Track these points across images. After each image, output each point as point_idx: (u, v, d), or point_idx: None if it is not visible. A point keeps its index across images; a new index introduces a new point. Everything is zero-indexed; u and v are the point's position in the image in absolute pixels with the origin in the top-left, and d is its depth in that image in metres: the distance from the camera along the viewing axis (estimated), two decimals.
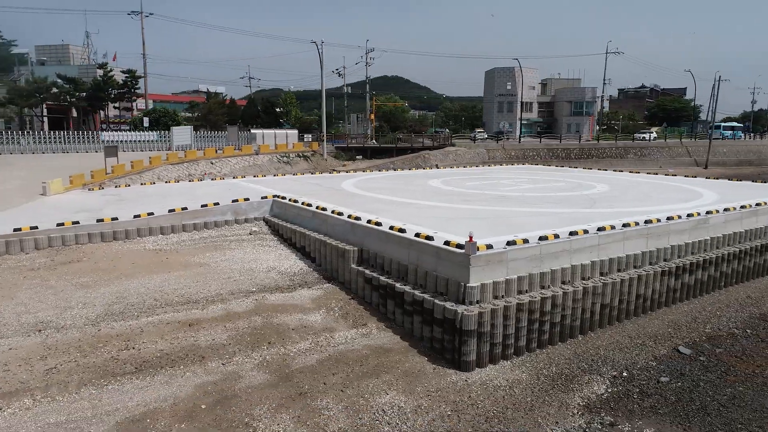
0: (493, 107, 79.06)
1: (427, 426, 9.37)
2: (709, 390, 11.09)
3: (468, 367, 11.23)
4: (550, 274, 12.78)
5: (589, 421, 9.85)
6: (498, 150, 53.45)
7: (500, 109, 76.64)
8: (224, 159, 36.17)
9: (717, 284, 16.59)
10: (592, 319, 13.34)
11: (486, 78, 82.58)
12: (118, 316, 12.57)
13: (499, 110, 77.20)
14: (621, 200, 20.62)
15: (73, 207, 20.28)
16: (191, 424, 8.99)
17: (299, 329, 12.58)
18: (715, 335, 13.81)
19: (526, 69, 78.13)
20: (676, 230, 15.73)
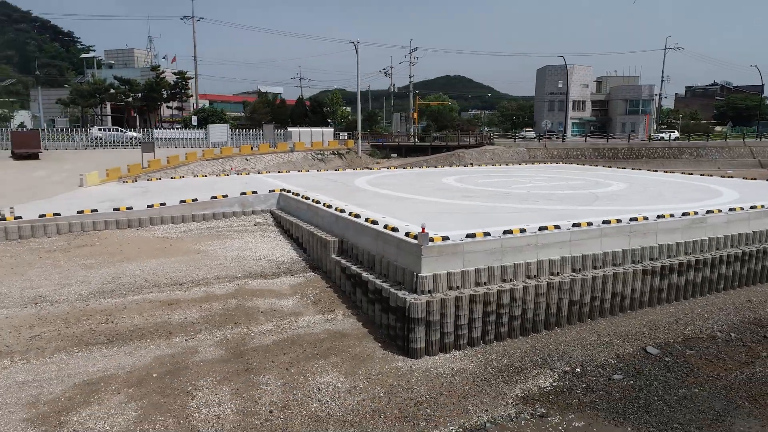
0: (544, 106, 77.25)
1: (355, 405, 9.83)
2: (661, 390, 10.87)
3: (416, 354, 11.55)
4: (513, 268, 12.84)
5: (520, 412, 9.97)
6: (539, 149, 52.40)
7: (551, 107, 74.77)
8: (259, 156, 37.74)
9: (714, 286, 15.92)
10: (559, 315, 13.27)
11: (537, 76, 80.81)
12: (108, 293, 13.79)
13: (549, 109, 75.33)
14: (627, 199, 20.07)
15: (101, 197, 22.07)
16: (138, 389, 9.89)
17: (268, 312, 13.33)
18: (694, 337, 13.36)
19: (580, 66, 75.81)
20: (665, 229, 15.26)
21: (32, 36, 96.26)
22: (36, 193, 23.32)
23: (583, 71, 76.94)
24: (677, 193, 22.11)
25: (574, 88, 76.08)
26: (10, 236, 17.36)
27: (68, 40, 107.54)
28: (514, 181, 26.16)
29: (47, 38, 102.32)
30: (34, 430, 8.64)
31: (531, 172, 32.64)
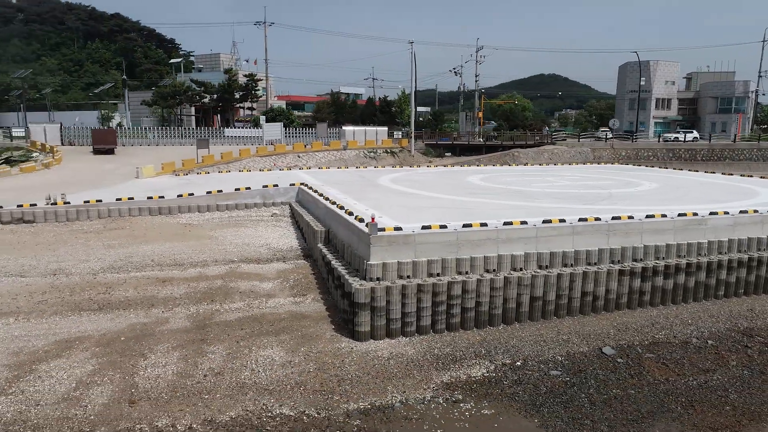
0: (625, 104, 73.14)
1: (282, 377, 10.69)
2: (593, 389, 10.73)
3: (360, 337, 12.20)
4: (470, 260, 13.08)
5: (435, 396, 10.33)
6: (605, 150, 49.97)
7: (631, 106, 70.61)
8: (311, 153, 39.53)
9: (712, 292, 15.03)
10: (519, 311, 13.30)
11: (619, 73, 76.60)
12: (115, 269, 15.68)
13: (630, 107, 71.20)
14: (643, 199, 19.22)
15: (150, 187, 24.55)
16: (103, 349, 11.41)
17: (245, 293, 14.53)
18: (663, 342, 12.83)
19: (665, 63, 70.97)
20: (652, 230, 14.66)
21: (139, 44, 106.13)
22: (100, 182, 26.37)
23: (668, 67, 71.95)
24: (706, 194, 20.79)
25: (658, 85, 71.41)
26: (59, 219, 20.00)
27: (170, 46, 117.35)
28: (541, 180, 25.67)
29: (152, 45, 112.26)
30: (9, 373, 10.36)
31: (570, 172, 31.64)
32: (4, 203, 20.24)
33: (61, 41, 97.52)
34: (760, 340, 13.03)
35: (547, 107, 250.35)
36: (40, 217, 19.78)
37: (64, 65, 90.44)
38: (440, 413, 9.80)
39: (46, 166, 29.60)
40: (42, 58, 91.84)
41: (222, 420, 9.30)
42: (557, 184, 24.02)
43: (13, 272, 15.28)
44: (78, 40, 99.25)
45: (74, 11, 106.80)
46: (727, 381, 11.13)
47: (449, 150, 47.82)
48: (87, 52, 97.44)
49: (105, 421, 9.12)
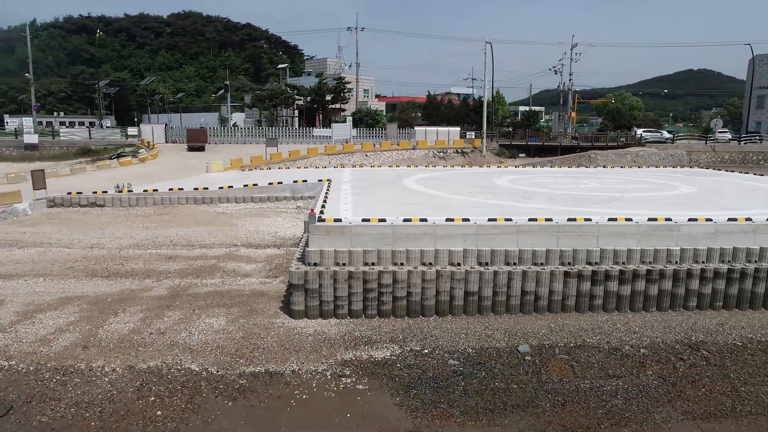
0: (752, 102, 64.98)
1: (209, 340, 12.51)
2: (477, 380, 11.12)
3: (295, 315, 13.66)
4: (406, 253, 13.92)
5: (326, 369, 11.49)
6: (705, 152, 45.51)
7: (759, 104, 62.52)
8: (380, 152, 41.36)
9: (681, 302, 14.21)
10: (452, 303, 13.84)
11: (748, 68, 68.17)
12: (138, 247, 18.72)
13: (758, 106, 63.09)
14: (651, 203, 18.27)
15: (212, 180, 28.00)
16: (90, 306, 14.13)
17: (228, 271, 16.68)
18: (591, 346, 12.61)
19: None
20: (612, 233, 14.25)
21: (265, 51, 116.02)
22: (177, 175, 30.55)
23: None
24: (745, 201, 19.30)
25: None
26: (123, 204, 23.91)
27: (294, 52, 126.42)
28: (570, 183, 24.80)
29: (278, 51, 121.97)
30: (14, 318, 13.40)
31: (620, 176, 29.71)
32: (99, 190, 24.65)
33: (200, 51, 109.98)
34: (702, 354, 12.28)
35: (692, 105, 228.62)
36: (108, 202, 23.82)
37: (201, 72, 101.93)
38: (318, 383, 10.96)
39: (141, 161, 34.72)
40: (183, 66, 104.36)
41: (140, 367, 11.34)
42: (582, 186, 23.26)
43: (64, 243, 18.95)
44: (213, 49, 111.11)
45: (213, 23, 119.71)
46: (624, 388, 10.88)
47: (524, 150, 46.91)
48: (220, 60, 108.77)
49: (58, 359, 11.61)
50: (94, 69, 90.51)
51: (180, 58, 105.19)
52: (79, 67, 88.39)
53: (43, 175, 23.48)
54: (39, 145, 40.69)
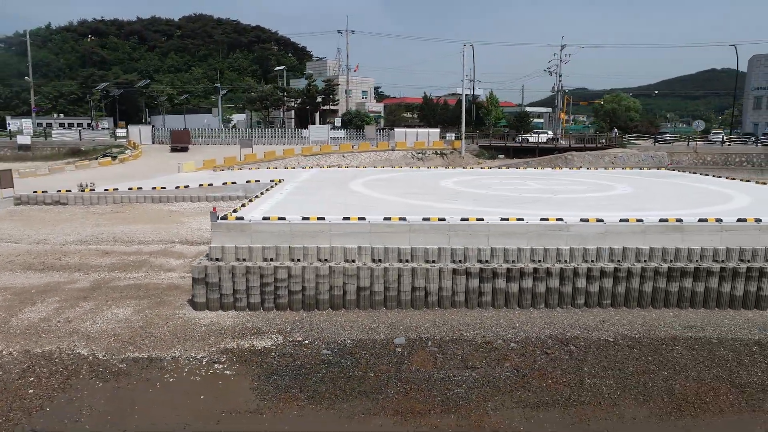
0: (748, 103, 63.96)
1: (110, 329, 13.44)
2: (338, 368, 11.83)
3: (197, 307, 14.54)
4: (303, 249, 14.70)
5: (204, 356, 12.31)
6: (686, 154, 45.24)
7: (757, 105, 61.48)
8: (357, 153, 42.15)
9: (569, 300, 14.71)
10: (345, 298, 14.57)
11: (748, 67, 67.13)
12: (81, 243, 19.83)
13: (755, 107, 62.06)
14: (573, 204, 18.74)
15: (179, 180, 29.10)
16: (15, 296, 15.18)
17: (154, 266, 17.66)
18: (466, 339, 13.23)
19: None
20: (500, 233, 14.83)
21: (273, 52, 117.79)
22: (150, 175, 31.77)
23: None
24: (674, 201, 19.90)
25: None
26: (85, 202, 25.14)
27: (302, 54, 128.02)
28: (512, 184, 25.11)
29: (286, 53, 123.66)
30: None
31: (574, 177, 29.93)
32: (63, 189, 25.97)
33: (208, 53, 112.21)
34: (569, 349, 12.83)
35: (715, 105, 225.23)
36: (71, 201, 25.07)
37: (208, 74, 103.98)
38: (190, 369, 11.81)
39: (121, 162, 36.10)
40: (192, 68, 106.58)
41: (35, 351, 12.33)
42: (521, 188, 23.71)
43: (14, 239, 20.17)
44: (222, 51, 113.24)
45: (222, 26, 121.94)
46: (474, 378, 11.51)
47: (502, 152, 47.25)
48: (228, 62, 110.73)
49: None
50: (104, 71, 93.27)
51: (189, 60, 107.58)
52: (89, 70, 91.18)
53: (11, 175, 24.84)
54: (32, 146, 42.55)
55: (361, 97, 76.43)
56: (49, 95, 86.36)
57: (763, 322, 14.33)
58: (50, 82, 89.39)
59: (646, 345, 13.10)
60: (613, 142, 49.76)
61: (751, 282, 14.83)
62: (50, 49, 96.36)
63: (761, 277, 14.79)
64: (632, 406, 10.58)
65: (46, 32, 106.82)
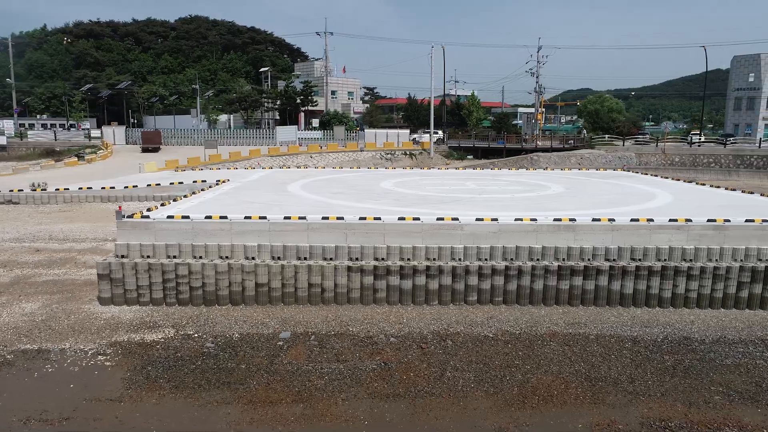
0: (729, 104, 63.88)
1: (12, 321, 14.03)
2: (214, 359, 12.34)
3: (103, 302, 15.11)
4: (204, 247, 15.25)
5: (90, 349, 12.85)
6: (655, 155, 45.42)
7: (737, 106, 61.38)
8: (325, 154, 42.68)
9: (462, 297, 15.17)
10: (244, 294, 15.09)
11: (730, 69, 67.01)
12: (17, 240, 20.46)
13: (735, 108, 61.96)
14: (491, 203, 19.20)
15: (136, 180, 29.75)
16: None
17: (79, 263, 18.25)
18: (352, 334, 13.70)
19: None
20: (396, 231, 15.32)
21: (267, 54, 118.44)
22: (112, 175, 32.45)
23: None
24: (601, 200, 20.46)
25: None
26: (36, 201, 25.81)
27: (297, 55, 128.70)
28: (446, 185, 25.45)
29: (280, 54, 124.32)
30: None
31: (519, 177, 30.16)
32: (15, 188, 26.67)
33: (202, 54, 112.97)
34: (446, 344, 13.28)
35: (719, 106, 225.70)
36: (23, 200, 25.75)
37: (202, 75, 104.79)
38: (74, 360, 12.35)
39: (88, 162, 36.81)
40: (186, 69, 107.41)
41: None
42: (455, 188, 24.15)
43: None
44: (216, 53, 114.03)
45: (217, 27, 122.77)
46: (339, 370, 11.99)
47: (471, 152, 47.65)
48: (222, 63, 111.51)
49: None
50: (97, 72, 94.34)
51: (183, 61, 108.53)
52: (81, 71, 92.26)
53: None
54: (8, 147, 43.43)
55: (348, 98, 76.99)
56: (42, 96, 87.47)
57: (648, 319, 14.75)
58: (43, 83, 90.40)
59: (524, 341, 13.55)
60: (581, 143, 50.06)
61: (640, 280, 15.22)
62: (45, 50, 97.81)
63: (650, 275, 15.18)
64: (480, 397, 11.03)
65: (41, 34, 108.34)
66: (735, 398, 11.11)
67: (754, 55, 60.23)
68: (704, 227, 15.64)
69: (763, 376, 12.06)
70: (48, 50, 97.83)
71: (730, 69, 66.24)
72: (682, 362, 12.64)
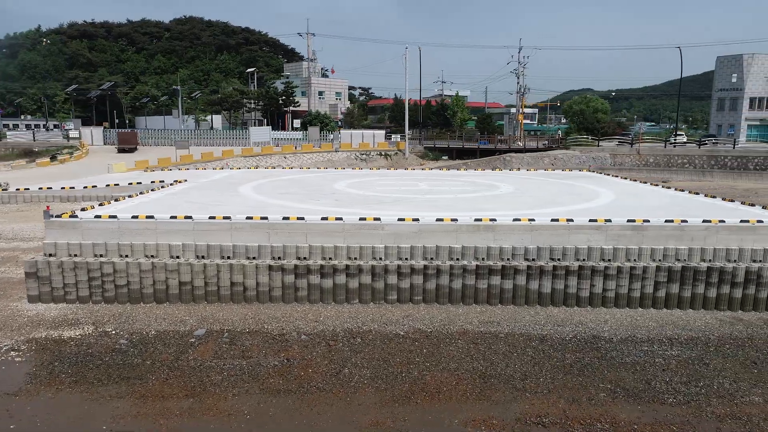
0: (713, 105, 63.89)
1: None
2: (121, 355, 12.65)
3: (31, 299, 15.43)
4: (131, 246, 15.56)
5: (8, 344, 13.21)
6: (629, 155, 45.54)
7: (720, 107, 61.40)
8: (299, 154, 42.98)
9: (382, 296, 15.44)
10: (168, 292, 15.39)
11: (714, 69, 66.98)
12: None
13: (718, 108, 62.00)
14: (428, 203, 19.48)
15: (104, 180, 30.09)
16: None
17: (20, 262, 18.57)
18: (264, 332, 13.98)
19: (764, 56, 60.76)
20: (319, 231, 15.61)
21: (261, 54, 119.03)
22: (83, 175, 32.80)
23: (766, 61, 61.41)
24: (540, 199, 20.83)
25: (753, 82, 61.65)
26: None
27: (291, 55, 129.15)
28: (399, 185, 25.71)
29: (274, 55, 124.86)
30: None
31: (477, 178, 30.31)
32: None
33: (196, 55, 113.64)
34: (354, 341, 13.55)
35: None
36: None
37: (195, 75, 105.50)
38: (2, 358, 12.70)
39: (61, 162, 37.21)
40: (179, 69, 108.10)
41: None
42: (404, 189, 24.40)
43: None
44: (210, 53, 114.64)
45: (211, 28, 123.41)
46: (239, 366, 12.27)
47: (446, 153, 47.89)
48: (215, 64, 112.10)
49: None
50: (89, 73, 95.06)
51: (176, 62, 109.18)
52: (73, 72, 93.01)
53: None
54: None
55: (336, 99, 77.35)
56: (34, 96, 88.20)
57: (563, 319, 14.98)
58: (35, 84, 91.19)
59: (433, 339, 13.80)
60: (556, 144, 50.22)
61: (558, 280, 15.45)
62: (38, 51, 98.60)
63: (567, 275, 15.42)
64: (369, 393, 11.29)
65: (35, 35, 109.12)
66: (620, 395, 11.35)
67: (736, 56, 60.15)
68: (623, 227, 15.86)
69: (656, 373, 12.30)
70: (41, 51, 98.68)
71: (714, 70, 66.26)
72: (582, 360, 12.89)
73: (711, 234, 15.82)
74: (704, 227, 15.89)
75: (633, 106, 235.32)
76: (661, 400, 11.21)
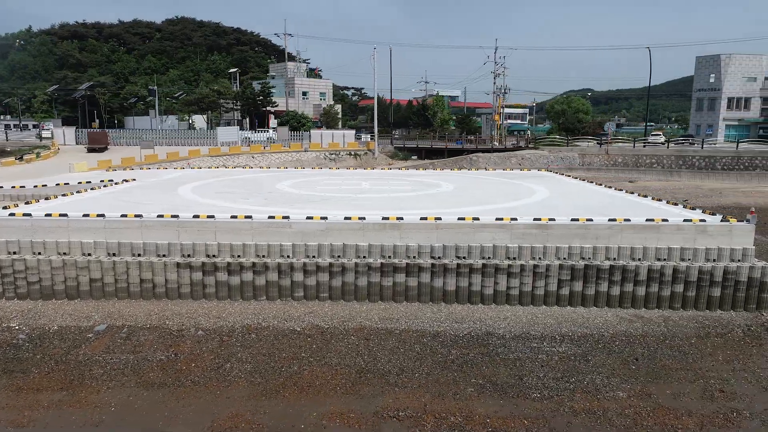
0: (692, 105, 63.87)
1: None
2: (13, 351, 12.97)
3: None
4: (43, 244, 15.87)
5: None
6: (598, 155, 45.65)
7: (699, 107, 61.42)
8: (268, 154, 43.25)
9: (289, 292, 15.71)
10: (79, 289, 15.66)
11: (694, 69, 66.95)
12: None
13: (698, 108, 62.01)
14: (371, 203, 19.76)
15: (68, 178, 30.38)
16: None
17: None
18: (159, 326, 14.28)
19: (741, 56, 60.71)
20: (228, 229, 15.88)
21: (250, 54, 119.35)
22: (48, 174, 33.11)
23: (747, 62, 61.35)
24: (476, 198, 21.22)
25: (731, 82, 61.63)
26: None
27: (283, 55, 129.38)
28: (348, 185, 26.02)
29: (265, 55, 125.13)
30: None
31: (423, 178, 30.63)
32: None
33: (186, 55, 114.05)
34: (250, 337, 13.82)
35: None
36: None
37: (185, 75, 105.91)
38: None
39: (27, 162, 37.57)
40: (170, 70, 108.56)
41: None
42: (345, 188, 24.64)
43: None
44: (200, 53, 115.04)
45: (203, 28, 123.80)
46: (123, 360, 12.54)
47: (415, 153, 48.09)
48: (206, 64, 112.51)
49: None
50: (78, 73, 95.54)
51: (167, 62, 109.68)
52: (62, 72, 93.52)
53: None
54: None
55: (320, 99, 77.63)
56: (23, 97, 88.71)
57: (463, 316, 15.20)
58: (25, 84, 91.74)
59: (327, 335, 14.05)
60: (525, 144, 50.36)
61: (462, 278, 15.68)
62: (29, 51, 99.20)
63: (471, 273, 15.64)
64: (242, 387, 11.55)
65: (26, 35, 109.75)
66: (487, 390, 11.58)
67: (714, 56, 60.17)
68: (528, 226, 16.09)
69: (533, 369, 12.52)
70: (32, 51, 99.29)
71: (694, 70, 66.26)
72: (466, 356, 13.11)
73: (615, 233, 16.03)
74: (608, 226, 16.10)
75: (633, 106, 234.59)
76: (526, 395, 11.44)
